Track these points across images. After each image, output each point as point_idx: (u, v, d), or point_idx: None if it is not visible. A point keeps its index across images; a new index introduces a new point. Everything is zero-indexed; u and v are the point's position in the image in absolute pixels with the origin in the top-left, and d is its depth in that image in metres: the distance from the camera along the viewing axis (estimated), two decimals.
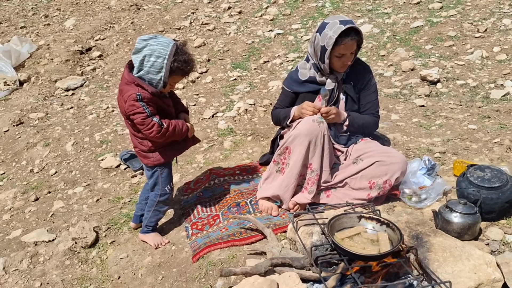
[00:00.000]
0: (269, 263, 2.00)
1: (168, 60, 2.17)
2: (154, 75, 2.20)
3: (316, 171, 2.45)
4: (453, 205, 2.09)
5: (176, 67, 2.21)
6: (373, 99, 2.68)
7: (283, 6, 6.81)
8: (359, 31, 2.40)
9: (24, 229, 2.96)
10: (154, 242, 2.56)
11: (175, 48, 2.20)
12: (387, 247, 1.81)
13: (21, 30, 7.14)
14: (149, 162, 2.46)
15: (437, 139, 3.16)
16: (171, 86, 2.35)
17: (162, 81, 2.22)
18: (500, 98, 3.75)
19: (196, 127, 4.01)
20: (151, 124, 2.24)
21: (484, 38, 4.77)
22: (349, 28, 2.34)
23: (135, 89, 2.20)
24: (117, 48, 6.39)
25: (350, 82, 2.62)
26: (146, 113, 2.22)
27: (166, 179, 2.52)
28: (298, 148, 2.42)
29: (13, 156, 4.00)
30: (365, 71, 2.66)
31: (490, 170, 2.26)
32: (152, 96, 2.23)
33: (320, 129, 2.37)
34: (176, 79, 2.34)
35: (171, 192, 2.57)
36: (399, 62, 4.63)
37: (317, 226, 2.07)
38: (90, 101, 4.98)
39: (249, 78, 5.02)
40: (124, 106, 2.25)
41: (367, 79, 2.65)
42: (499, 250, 2.01)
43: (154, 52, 2.15)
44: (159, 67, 2.18)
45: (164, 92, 2.35)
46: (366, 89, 2.65)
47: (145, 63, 2.18)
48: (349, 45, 2.38)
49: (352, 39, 2.37)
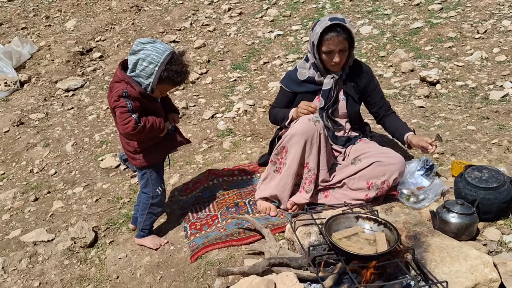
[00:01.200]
0: (266, 263, 2.01)
1: (160, 68, 2.16)
2: (144, 79, 2.20)
3: (313, 170, 2.45)
4: (451, 205, 2.09)
5: (166, 76, 2.20)
6: (382, 95, 2.72)
7: (283, 7, 6.82)
8: (348, 29, 2.39)
9: (23, 229, 2.97)
10: (154, 244, 2.56)
11: (169, 57, 2.18)
12: (385, 247, 1.82)
13: (22, 31, 7.17)
14: (136, 163, 2.45)
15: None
16: (160, 93, 2.34)
17: (150, 86, 2.22)
18: (499, 99, 3.75)
19: (196, 127, 4.02)
20: (128, 119, 2.22)
21: (484, 39, 4.78)
22: (335, 24, 2.36)
23: (123, 86, 2.20)
24: (117, 49, 6.40)
25: (351, 82, 2.62)
26: (127, 108, 2.20)
27: (156, 181, 2.50)
28: (294, 147, 2.42)
29: (13, 156, 4.01)
30: (366, 72, 2.67)
31: (487, 170, 2.26)
32: (139, 96, 2.22)
33: (316, 128, 2.38)
34: (166, 88, 2.32)
35: (162, 194, 2.56)
36: (399, 63, 4.64)
37: (315, 226, 2.08)
38: (90, 101, 4.99)
39: (249, 79, 5.03)
40: (111, 102, 2.26)
41: (369, 79, 2.66)
42: (496, 250, 2.01)
43: (147, 57, 2.15)
44: (149, 73, 2.17)
45: (154, 96, 2.33)
46: (372, 88, 2.67)
47: (138, 66, 2.18)
48: (335, 41, 2.38)
49: (338, 35, 2.36)
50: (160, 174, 2.55)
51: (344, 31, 2.38)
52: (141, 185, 2.55)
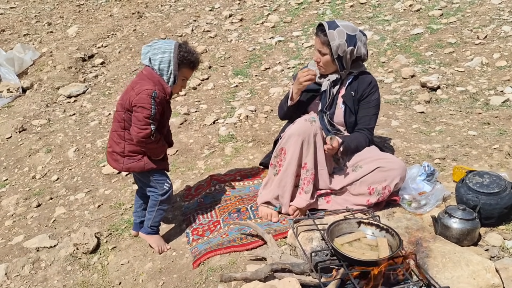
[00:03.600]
0: (269, 269, 2.01)
1: (175, 53, 2.28)
2: (165, 71, 2.30)
3: (311, 170, 2.47)
4: (452, 210, 2.10)
5: (183, 58, 2.31)
6: (371, 114, 2.65)
7: (284, 13, 6.86)
8: (325, 31, 2.46)
9: (26, 235, 2.98)
10: (158, 246, 2.56)
11: (177, 44, 2.32)
12: (387, 252, 1.82)
13: (24, 38, 7.20)
14: (117, 166, 2.46)
15: (437, 145, 3.17)
16: (182, 81, 2.42)
17: (172, 75, 2.31)
18: (500, 105, 3.76)
19: (197, 133, 4.03)
20: (145, 126, 2.26)
21: (484, 44, 4.80)
22: (320, 25, 2.50)
23: (153, 86, 2.26)
24: (119, 55, 6.44)
25: (351, 92, 2.62)
26: (150, 113, 2.25)
27: (161, 177, 2.50)
28: (292, 148, 2.44)
29: (16, 162, 4.03)
30: (369, 84, 2.63)
31: (489, 176, 2.27)
32: (164, 99, 2.30)
33: (312, 128, 2.41)
34: (186, 73, 2.40)
35: (171, 188, 2.54)
36: (399, 68, 4.66)
37: (317, 231, 2.08)
38: (92, 108, 5.01)
39: (250, 84, 5.05)
40: (133, 97, 2.27)
41: (368, 92, 2.63)
42: (498, 255, 2.02)
43: (159, 50, 2.27)
44: (168, 61, 2.28)
45: (174, 92, 2.42)
46: (366, 101, 2.63)
47: (155, 62, 2.28)
48: (315, 41, 2.55)
49: (317, 35, 2.52)
50: (163, 172, 2.54)
51: (323, 34, 2.47)
52: (144, 186, 2.54)
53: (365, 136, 2.63)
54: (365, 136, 2.63)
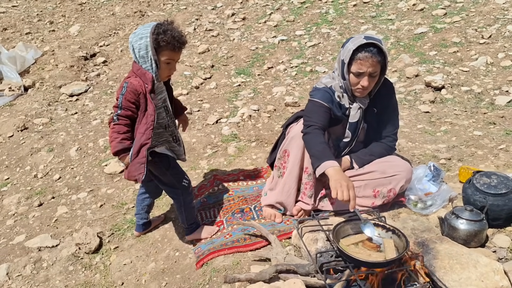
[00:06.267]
0: (273, 270, 1.99)
1: (151, 37, 2.13)
2: (144, 58, 2.16)
3: (312, 174, 2.42)
4: (459, 211, 2.07)
5: (160, 40, 2.14)
6: (394, 117, 2.49)
7: (287, 12, 6.83)
8: (384, 52, 2.15)
9: (27, 234, 2.96)
10: (208, 233, 2.55)
11: (155, 25, 2.16)
12: (393, 254, 1.80)
13: (26, 36, 7.19)
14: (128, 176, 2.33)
15: (442, 146, 3.14)
16: (167, 65, 2.24)
17: (152, 60, 2.16)
18: (505, 104, 3.73)
19: (200, 132, 4.01)
20: (112, 113, 2.21)
21: (489, 44, 4.77)
22: (371, 43, 2.11)
23: (132, 79, 2.19)
24: (121, 54, 6.42)
25: (373, 108, 2.41)
26: (117, 102, 2.18)
27: (178, 174, 2.45)
28: (294, 150, 2.41)
29: (17, 161, 4.01)
30: (387, 91, 2.41)
31: (496, 176, 2.24)
32: (141, 88, 2.17)
33: None
34: (167, 55, 2.20)
35: (189, 183, 2.49)
36: (404, 68, 4.63)
37: (322, 232, 2.06)
38: (94, 106, 4.99)
39: (253, 84, 5.03)
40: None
41: (388, 100, 2.42)
42: (506, 257, 1.99)
43: (136, 36, 2.15)
44: (145, 46, 2.14)
45: (163, 77, 2.28)
46: (386, 106, 2.44)
47: (135, 50, 2.17)
48: (367, 62, 2.12)
49: (373, 56, 2.11)
50: (178, 167, 2.48)
51: (379, 53, 2.13)
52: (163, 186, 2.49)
53: (385, 145, 2.50)
54: (385, 145, 2.50)
